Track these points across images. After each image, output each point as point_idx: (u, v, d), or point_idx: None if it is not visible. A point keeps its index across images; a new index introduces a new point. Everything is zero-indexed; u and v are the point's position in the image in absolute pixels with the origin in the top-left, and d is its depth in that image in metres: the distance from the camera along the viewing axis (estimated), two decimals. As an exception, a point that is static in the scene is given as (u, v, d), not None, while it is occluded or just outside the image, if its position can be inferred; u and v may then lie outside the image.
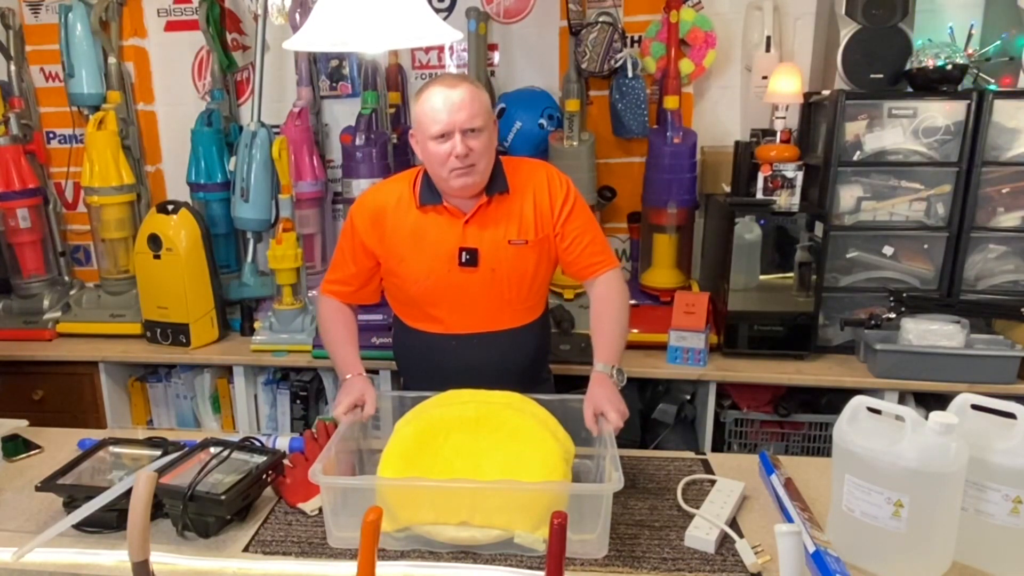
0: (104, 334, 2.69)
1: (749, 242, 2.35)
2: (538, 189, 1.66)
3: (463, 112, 1.51)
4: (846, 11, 2.30)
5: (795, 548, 0.96)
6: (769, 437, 2.41)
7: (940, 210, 2.31)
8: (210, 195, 2.76)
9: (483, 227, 1.64)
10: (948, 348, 2.17)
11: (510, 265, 1.65)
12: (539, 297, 1.76)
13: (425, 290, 1.68)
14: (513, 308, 1.70)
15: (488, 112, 1.57)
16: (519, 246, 1.64)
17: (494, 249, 1.63)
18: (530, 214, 1.65)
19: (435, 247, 1.64)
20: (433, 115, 1.53)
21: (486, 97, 1.58)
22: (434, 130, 1.53)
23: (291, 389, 2.61)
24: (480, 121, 1.54)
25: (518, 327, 1.72)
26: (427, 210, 1.64)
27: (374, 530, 0.90)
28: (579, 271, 1.73)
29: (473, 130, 1.53)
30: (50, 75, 2.96)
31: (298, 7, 2.70)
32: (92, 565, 1.29)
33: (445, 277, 1.64)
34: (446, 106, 1.51)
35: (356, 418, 1.53)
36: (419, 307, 1.72)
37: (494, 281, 1.65)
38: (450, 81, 1.54)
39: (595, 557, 1.27)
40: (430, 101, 1.54)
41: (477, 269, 1.64)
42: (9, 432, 1.75)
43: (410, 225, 1.65)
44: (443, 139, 1.53)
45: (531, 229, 1.65)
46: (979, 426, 1.21)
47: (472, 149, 1.53)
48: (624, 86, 2.60)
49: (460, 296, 1.67)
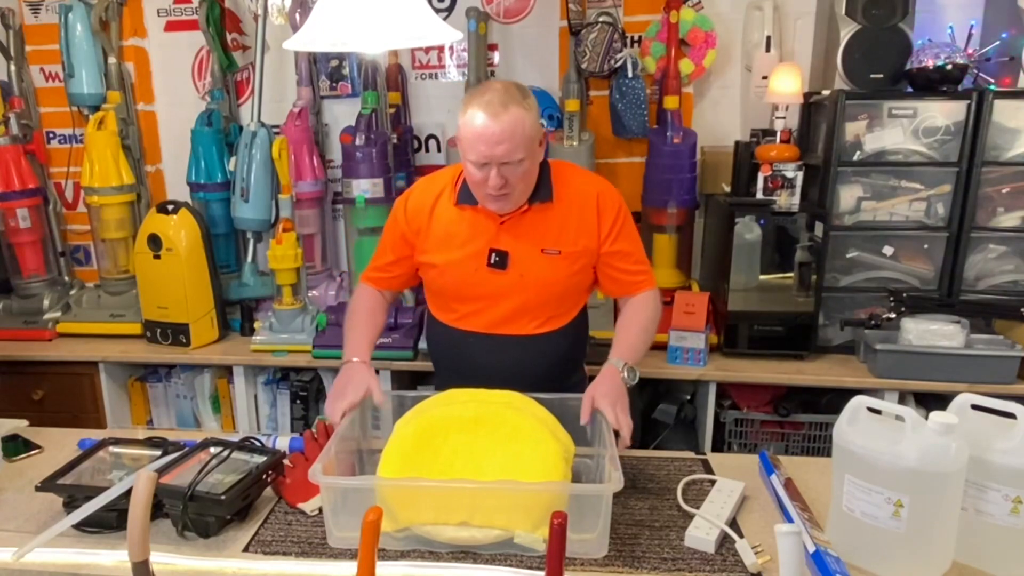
0: (104, 334, 2.69)
1: (749, 242, 2.35)
2: (586, 204, 1.63)
3: (502, 147, 1.46)
4: (846, 11, 2.30)
5: (795, 548, 0.96)
6: (769, 437, 2.41)
7: (940, 210, 2.31)
8: (210, 195, 2.76)
9: (518, 232, 1.61)
10: (948, 348, 2.17)
11: (540, 273, 1.62)
12: (568, 307, 1.70)
13: (450, 284, 1.68)
14: (537, 315, 1.67)
15: (532, 137, 1.50)
16: (552, 256, 1.61)
17: (525, 255, 1.61)
18: (571, 226, 1.62)
19: (466, 244, 1.63)
20: (472, 142, 1.48)
21: (531, 118, 1.49)
22: (472, 156, 1.50)
23: (291, 389, 2.61)
24: (521, 153, 1.48)
25: (540, 334, 1.68)
26: (464, 208, 1.64)
27: (374, 530, 0.90)
28: (617, 289, 1.71)
29: (510, 163, 1.48)
30: (50, 75, 2.96)
31: (298, 7, 2.70)
32: (92, 565, 1.28)
33: (472, 275, 1.63)
34: (487, 137, 1.45)
35: (353, 411, 1.50)
36: (444, 300, 1.73)
37: (521, 286, 1.63)
38: (495, 108, 1.45)
39: (595, 557, 1.27)
40: (472, 124, 1.47)
41: (505, 272, 1.62)
42: (9, 432, 1.75)
43: (447, 220, 1.65)
44: (481, 166, 1.50)
45: (568, 240, 1.61)
46: (979, 426, 1.21)
47: (508, 180, 1.50)
48: (624, 86, 2.60)
49: (484, 296, 1.66)
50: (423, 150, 2.93)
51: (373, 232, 2.57)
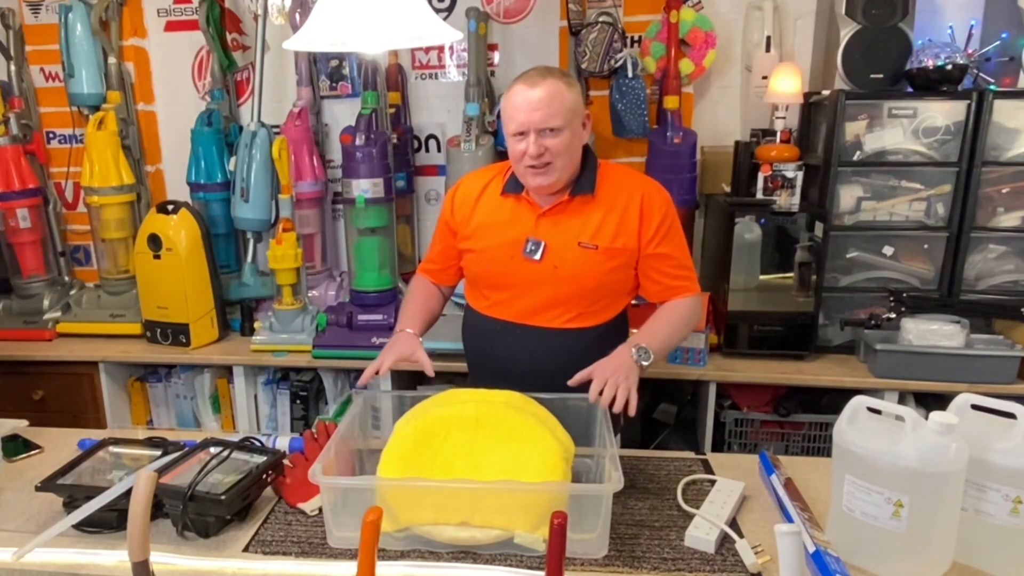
0: (104, 334, 2.69)
1: (749, 242, 2.35)
2: (631, 202, 1.62)
3: (539, 112, 1.50)
4: (846, 11, 2.30)
5: (795, 548, 0.96)
6: (769, 437, 2.41)
7: (940, 210, 2.31)
8: (210, 195, 2.76)
9: (556, 223, 1.63)
10: (948, 348, 2.17)
11: (575, 266, 1.61)
12: (603, 306, 1.67)
13: (486, 271, 1.69)
14: (569, 309, 1.65)
15: (573, 111, 1.54)
16: (589, 250, 1.60)
17: (562, 247, 1.62)
18: (612, 222, 1.61)
19: (505, 232, 1.65)
20: (512, 112, 1.54)
21: (571, 94, 1.54)
22: (511, 128, 1.55)
23: (291, 389, 2.61)
24: (559, 120, 1.51)
25: (570, 329, 1.66)
26: (508, 197, 1.67)
27: (374, 530, 0.90)
28: (658, 292, 1.69)
29: (552, 129, 1.52)
30: (50, 75, 2.96)
31: (298, 7, 2.70)
32: (92, 565, 1.29)
33: (507, 263, 1.64)
34: (524, 105, 1.51)
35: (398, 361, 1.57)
36: (479, 287, 1.74)
37: (555, 278, 1.62)
38: (533, 78, 1.53)
39: (595, 557, 1.27)
40: (512, 98, 1.54)
41: (540, 262, 1.62)
42: (9, 432, 1.75)
43: (490, 208, 1.68)
44: (520, 137, 1.54)
45: (607, 236, 1.60)
46: (979, 426, 1.21)
47: (547, 148, 1.53)
48: (624, 86, 2.60)
49: (517, 284, 1.66)
50: (423, 150, 2.93)
51: (373, 232, 2.57)
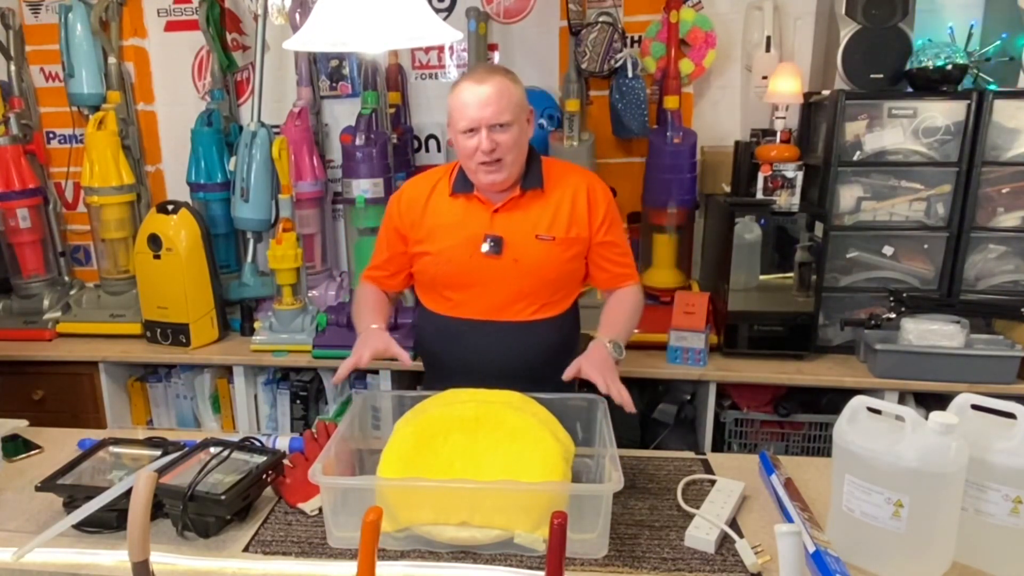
0: (104, 334, 2.69)
1: (749, 242, 2.35)
2: (578, 192, 1.68)
3: (490, 108, 1.53)
4: (846, 11, 2.30)
5: (795, 548, 0.96)
6: (769, 437, 2.41)
7: (940, 210, 2.31)
8: (210, 195, 2.76)
9: (511, 219, 1.65)
10: (948, 348, 2.17)
11: (534, 258, 1.65)
12: (563, 295, 1.73)
13: (445, 272, 1.69)
14: (532, 301, 1.69)
15: (520, 106, 1.58)
16: (546, 241, 1.65)
17: (520, 240, 1.65)
18: (564, 213, 1.66)
19: (461, 231, 1.66)
20: (461, 110, 1.55)
21: (518, 90, 1.58)
22: (461, 125, 1.56)
23: (291, 389, 2.61)
24: (508, 116, 1.55)
25: (535, 320, 1.70)
26: (458, 197, 1.68)
27: (374, 530, 0.90)
28: (606, 280, 1.76)
29: (502, 124, 1.55)
30: (50, 75, 2.96)
31: (298, 7, 2.70)
32: (92, 565, 1.29)
33: (467, 262, 1.65)
34: (474, 101, 1.53)
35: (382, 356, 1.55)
36: (438, 289, 1.74)
37: (516, 272, 1.65)
38: (480, 75, 1.56)
39: (595, 557, 1.27)
40: (460, 95, 1.56)
41: (500, 257, 1.64)
42: (9, 432, 1.75)
43: (442, 210, 1.69)
44: (470, 134, 1.56)
45: (562, 227, 1.66)
46: (979, 426, 1.21)
47: (499, 144, 1.55)
48: (624, 86, 2.60)
49: (479, 282, 1.67)
50: (423, 150, 2.93)
51: (373, 232, 2.57)
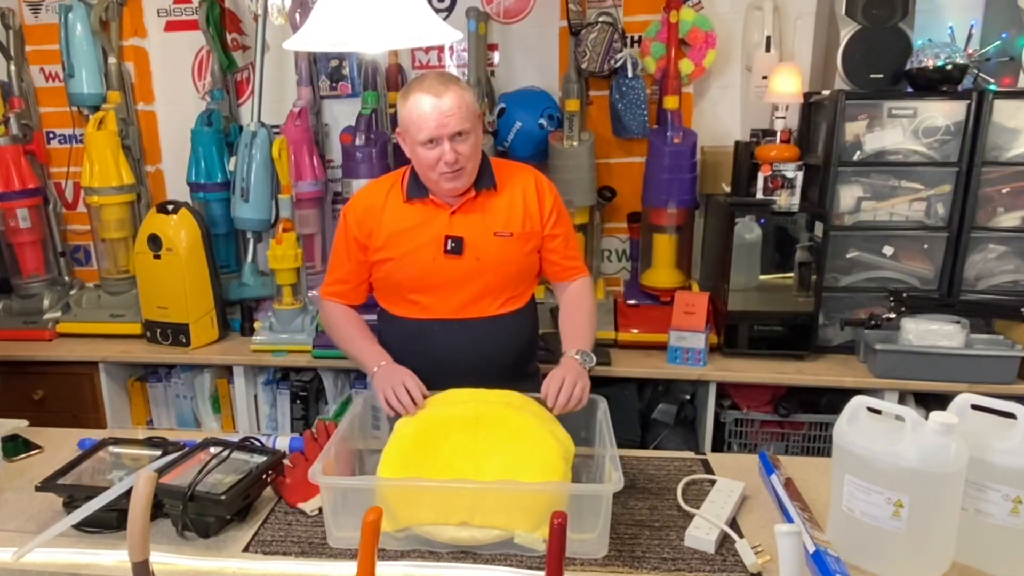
0: (104, 334, 2.69)
1: (749, 242, 2.35)
2: (527, 189, 1.73)
3: (452, 119, 1.55)
4: (846, 11, 2.30)
5: (795, 548, 0.96)
6: (769, 437, 2.41)
7: (940, 210, 2.31)
8: (210, 195, 2.76)
9: (469, 218, 1.68)
10: (948, 348, 2.17)
11: (495, 255, 1.69)
12: (524, 288, 1.78)
13: (410, 277, 1.70)
14: (496, 296, 1.73)
15: (474, 112, 1.60)
16: (504, 238, 1.69)
17: (479, 239, 1.68)
18: (518, 210, 1.70)
19: (421, 235, 1.68)
20: (421, 121, 1.56)
21: (471, 96, 1.61)
22: (421, 137, 1.57)
23: (291, 389, 2.61)
24: (468, 124, 1.57)
25: (501, 315, 1.74)
26: (414, 203, 1.69)
27: (374, 530, 0.90)
28: (557, 273, 1.81)
29: (461, 134, 1.57)
30: (50, 75, 2.96)
31: (298, 7, 2.70)
32: (92, 565, 1.29)
33: (430, 264, 1.67)
34: (434, 114, 1.54)
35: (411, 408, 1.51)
36: (403, 294, 1.75)
37: (479, 269, 1.68)
38: (436, 87, 1.55)
39: (595, 557, 1.27)
40: (418, 107, 1.56)
41: (462, 257, 1.67)
42: (9, 432, 1.75)
43: (398, 216, 1.70)
44: (432, 144, 1.57)
45: (517, 223, 1.70)
46: (979, 426, 1.21)
47: (460, 154, 1.57)
48: (624, 86, 2.60)
49: (444, 283, 1.70)
50: (423, 150, 2.93)
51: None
